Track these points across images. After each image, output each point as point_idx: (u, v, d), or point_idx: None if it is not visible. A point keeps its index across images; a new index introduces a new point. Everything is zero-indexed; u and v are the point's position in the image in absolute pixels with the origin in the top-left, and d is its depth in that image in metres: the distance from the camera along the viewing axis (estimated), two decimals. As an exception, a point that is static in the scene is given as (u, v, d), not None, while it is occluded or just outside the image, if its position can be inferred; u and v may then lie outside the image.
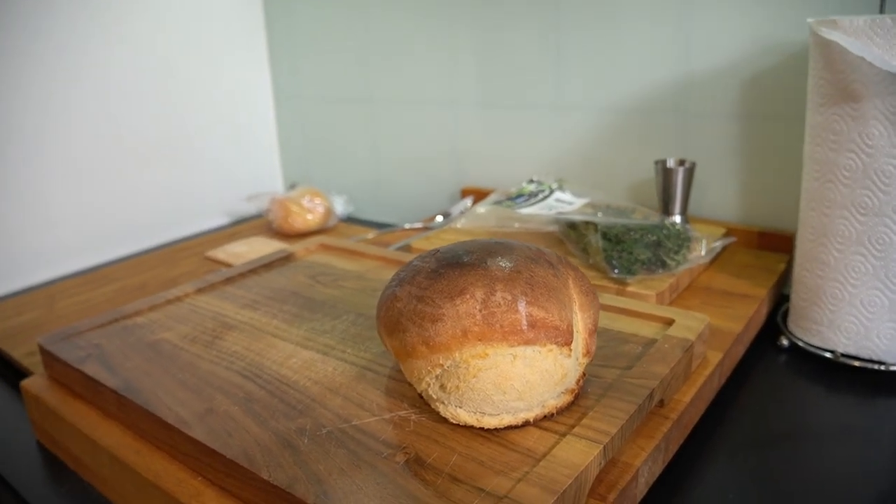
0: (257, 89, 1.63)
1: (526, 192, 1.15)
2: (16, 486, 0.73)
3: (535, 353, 0.56)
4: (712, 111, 1.06)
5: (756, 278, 0.96)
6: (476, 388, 0.55)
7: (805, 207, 0.84)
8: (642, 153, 1.14)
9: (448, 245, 0.64)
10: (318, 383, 0.66)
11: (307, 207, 1.36)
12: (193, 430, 0.60)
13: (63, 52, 1.26)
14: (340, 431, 0.58)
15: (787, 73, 0.99)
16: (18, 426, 0.83)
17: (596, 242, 0.93)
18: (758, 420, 0.75)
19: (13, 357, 0.94)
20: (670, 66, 1.08)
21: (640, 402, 0.59)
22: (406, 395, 0.63)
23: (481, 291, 0.56)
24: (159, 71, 1.42)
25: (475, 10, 1.27)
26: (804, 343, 0.86)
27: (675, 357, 0.66)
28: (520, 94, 1.26)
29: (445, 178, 1.42)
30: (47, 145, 1.26)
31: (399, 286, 0.61)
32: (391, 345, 0.61)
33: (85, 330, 0.81)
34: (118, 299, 1.10)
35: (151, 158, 1.43)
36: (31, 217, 1.26)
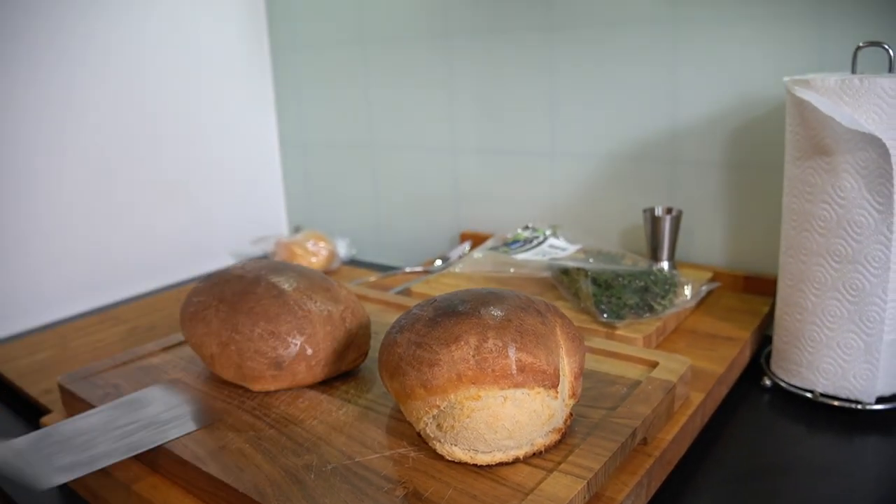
0: (263, 134, 1.68)
1: (521, 238, 1.19)
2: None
3: (524, 396, 0.60)
4: (699, 160, 1.11)
5: (740, 321, 1.00)
6: (469, 427, 0.60)
7: (784, 255, 0.88)
8: (632, 199, 1.19)
9: (445, 294, 0.69)
10: (324, 422, 0.71)
11: (311, 251, 1.41)
12: (208, 465, 0.64)
13: (75, 94, 1.31)
14: (344, 468, 0.63)
15: (768, 125, 1.04)
16: (37, 462, 0.87)
17: (586, 288, 0.97)
18: (740, 457, 0.78)
19: (30, 395, 0.98)
20: (659, 117, 1.13)
21: (623, 441, 0.63)
22: (405, 434, 0.68)
23: (474, 338, 0.61)
24: (169, 115, 1.46)
25: (474, 61, 1.32)
26: (785, 383, 0.90)
27: (657, 398, 0.70)
28: (516, 142, 1.31)
29: (445, 221, 1.47)
30: (58, 185, 1.30)
31: (399, 333, 0.65)
32: (392, 387, 0.66)
33: (103, 370, 0.85)
34: (129, 339, 1.14)
35: (158, 200, 1.47)
36: (41, 256, 1.30)
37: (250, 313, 0.75)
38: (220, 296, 0.78)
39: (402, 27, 1.41)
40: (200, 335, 0.77)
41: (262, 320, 0.74)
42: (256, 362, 0.74)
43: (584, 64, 1.19)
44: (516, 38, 1.25)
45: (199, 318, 0.78)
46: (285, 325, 0.74)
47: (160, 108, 1.45)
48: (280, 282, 0.78)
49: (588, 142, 1.22)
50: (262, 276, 0.79)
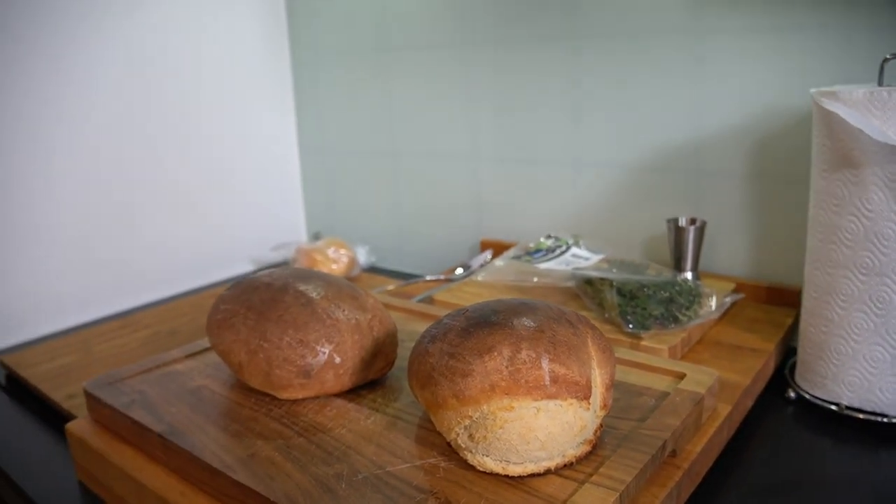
0: (283, 140, 1.69)
1: (544, 247, 1.19)
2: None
3: (557, 407, 0.60)
4: (722, 170, 1.11)
5: (764, 332, 1.00)
6: (502, 438, 0.60)
7: (810, 267, 0.88)
8: (655, 209, 1.19)
9: (476, 304, 0.69)
10: (353, 431, 0.71)
11: (332, 258, 1.41)
12: (238, 474, 0.64)
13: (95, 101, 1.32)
14: (375, 477, 0.63)
15: (793, 135, 1.03)
16: (60, 466, 0.87)
17: (611, 298, 0.97)
18: (766, 469, 0.78)
19: (54, 400, 0.99)
20: (682, 127, 1.13)
21: (654, 453, 0.63)
22: (435, 444, 0.68)
23: (508, 349, 0.61)
24: (190, 121, 1.47)
25: (495, 70, 1.32)
26: (810, 395, 0.89)
27: (686, 410, 0.70)
28: (538, 151, 1.31)
29: (465, 229, 1.47)
30: (78, 190, 1.31)
31: (431, 342, 0.65)
32: (423, 397, 0.65)
33: (128, 376, 0.85)
34: (152, 345, 1.15)
35: (179, 205, 1.48)
36: (62, 262, 1.31)
37: (279, 321, 0.75)
38: (249, 303, 0.78)
39: (424, 35, 1.41)
40: (228, 343, 0.77)
41: (290, 328, 0.74)
42: (285, 370, 0.74)
43: (606, 73, 1.19)
44: (539, 46, 1.25)
45: (227, 326, 0.78)
46: (314, 333, 0.74)
47: (181, 114, 1.46)
48: (308, 290, 0.78)
49: (610, 151, 1.22)
50: (289, 283, 0.79)
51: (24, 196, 1.24)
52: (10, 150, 1.21)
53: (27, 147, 1.23)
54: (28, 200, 1.24)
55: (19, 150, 1.22)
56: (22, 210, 1.24)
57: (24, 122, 1.22)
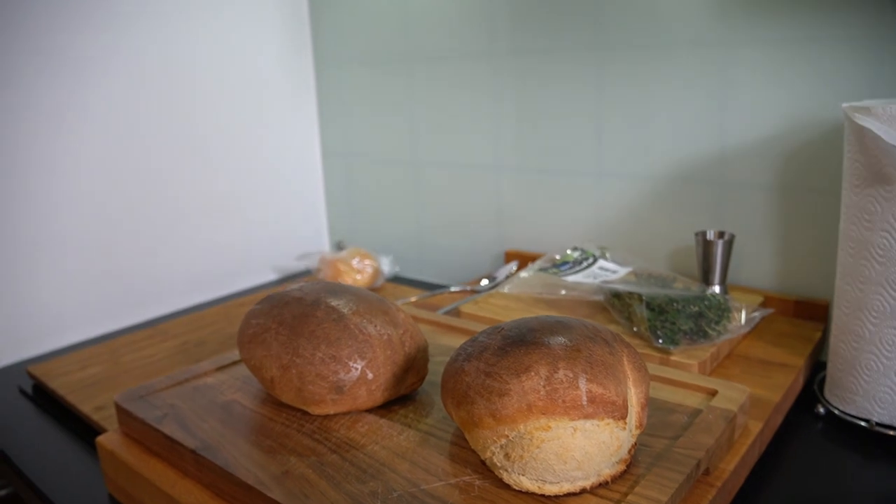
0: (306, 149, 1.69)
1: (570, 260, 1.19)
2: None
3: (594, 427, 0.60)
4: (749, 182, 1.11)
5: (793, 347, 1.00)
6: (539, 458, 0.60)
7: (841, 282, 0.87)
8: (680, 221, 1.19)
9: (511, 322, 0.69)
10: (386, 448, 0.71)
11: (356, 268, 1.42)
12: (273, 491, 0.64)
13: (121, 111, 1.33)
14: (410, 495, 0.63)
15: (822, 148, 1.03)
16: (89, 478, 0.87)
17: (641, 312, 0.97)
18: (796, 486, 0.78)
19: (82, 411, 0.99)
20: (708, 138, 1.13)
21: (689, 472, 0.63)
22: (469, 461, 0.67)
23: (545, 369, 0.60)
24: (213, 131, 1.48)
25: (519, 80, 1.32)
26: (840, 411, 0.89)
27: (719, 428, 0.70)
28: (562, 161, 1.31)
29: (489, 240, 1.47)
30: (104, 199, 1.32)
31: (467, 361, 0.65)
32: (458, 415, 0.65)
33: (158, 389, 0.85)
34: (180, 355, 1.15)
35: (202, 215, 1.49)
36: (89, 271, 1.32)
37: (311, 337, 0.75)
38: (280, 318, 0.78)
39: (448, 45, 1.41)
40: (260, 358, 0.78)
41: (323, 344, 0.75)
42: (317, 386, 0.74)
43: (631, 83, 1.19)
44: (563, 57, 1.25)
45: (259, 341, 0.78)
46: (346, 349, 0.75)
47: (204, 124, 1.46)
48: (339, 305, 0.78)
49: (635, 162, 1.22)
50: (321, 298, 0.79)
51: (49, 206, 1.25)
52: (36, 160, 1.22)
53: (51, 158, 1.24)
54: (53, 210, 1.25)
55: (43, 161, 1.23)
56: (47, 220, 1.25)
57: (47, 133, 1.23)
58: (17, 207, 1.21)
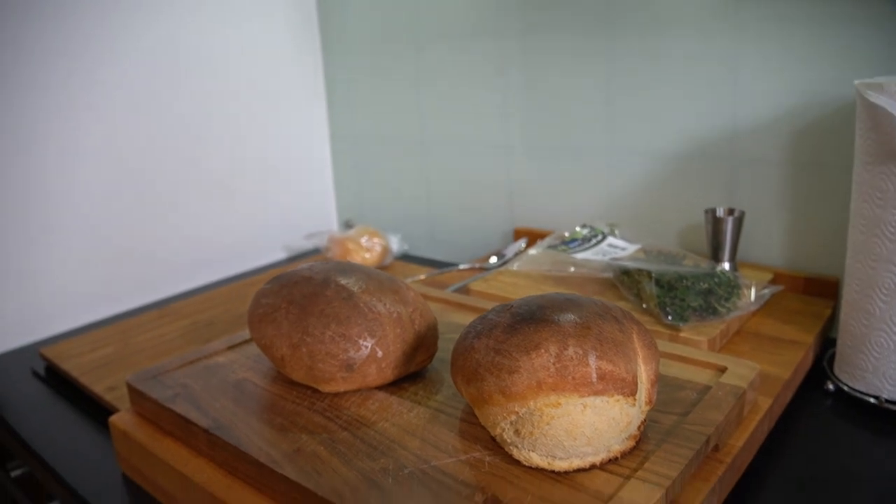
0: (314, 129, 1.69)
1: (579, 237, 1.19)
2: (106, 515, 0.78)
3: (604, 403, 0.60)
4: (760, 159, 1.10)
5: (803, 324, 1.00)
6: (549, 434, 0.60)
7: (851, 259, 0.87)
8: (691, 198, 1.18)
9: (520, 300, 0.69)
10: (396, 425, 0.71)
11: (365, 246, 1.42)
12: (285, 469, 0.65)
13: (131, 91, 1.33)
14: (421, 472, 0.63)
15: (834, 124, 1.02)
16: (103, 458, 0.88)
17: (650, 289, 0.97)
18: (805, 463, 0.78)
19: (95, 392, 1.00)
20: (720, 115, 1.12)
21: (698, 448, 0.63)
22: (479, 437, 0.68)
23: (555, 346, 0.61)
24: (222, 111, 1.48)
25: (528, 57, 1.32)
26: (849, 388, 0.89)
27: (728, 404, 0.70)
28: (571, 138, 1.30)
29: (498, 218, 1.47)
30: (111, 180, 1.33)
31: (476, 338, 0.66)
32: (468, 392, 0.66)
33: (170, 369, 0.86)
34: (190, 335, 1.16)
35: (211, 194, 1.50)
36: (98, 251, 1.32)
37: (321, 315, 0.75)
38: (290, 298, 0.79)
39: (456, 23, 1.40)
40: (270, 337, 0.78)
41: (332, 322, 0.75)
42: (328, 364, 0.74)
43: (642, 60, 1.18)
44: (573, 33, 1.25)
45: (269, 321, 0.78)
46: (356, 327, 0.75)
47: (212, 104, 1.46)
48: (349, 283, 0.78)
49: (645, 139, 1.21)
50: (330, 277, 0.80)
51: (59, 188, 1.25)
52: (43, 143, 1.22)
53: (59, 140, 1.24)
54: (62, 192, 1.26)
55: (52, 144, 1.23)
56: (57, 199, 1.25)
57: (55, 113, 1.23)
58: (26, 191, 1.22)
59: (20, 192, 1.21)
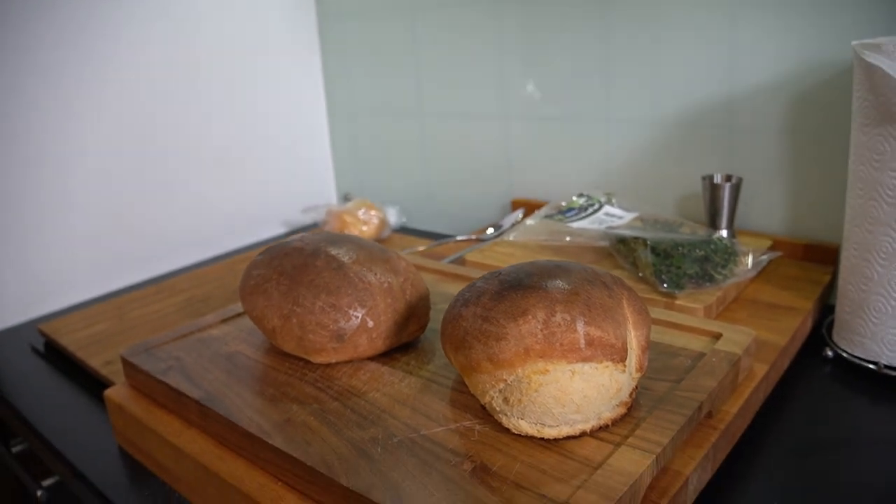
0: (311, 102, 1.68)
1: (576, 206, 1.18)
2: (102, 489, 0.78)
3: (592, 370, 0.60)
4: (757, 126, 1.09)
5: (801, 290, 0.99)
6: (537, 401, 0.59)
7: (849, 223, 0.86)
8: (689, 166, 1.17)
9: (509, 267, 0.68)
10: (387, 395, 0.71)
11: (362, 219, 1.41)
12: (274, 439, 0.64)
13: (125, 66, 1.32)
14: (410, 441, 0.63)
15: (833, 90, 1.01)
16: (99, 431, 0.88)
17: (645, 257, 0.96)
18: (804, 429, 0.77)
19: (91, 366, 1.00)
20: (717, 82, 1.11)
21: (690, 415, 0.63)
22: (469, 406, 0.67)
23: (542, 312, 0.60)
24: (218, 85, 1.47)
25: (524, 25, 1.30)
26: (848, 354, 0.88)
27: (722, 371, 0.70)
28: (569, 108, 1.29)
29: (496, 189, 1.46)
30: (109, 156, 1.32)
31: (464, 306, 0.65)
32: (457, 360, 0.65)
33: (163, 343, 0.86)
34: (186, 310, 1.16)
35: (208, 170, 1.49)
36: (94, 228, 1.32)
37: (311, 286, 0.75)
38: (280, 269, 0.78)
39: (452, -7, 1.39)
40: (261, 308, 0.78)
41: (323, 293, 0.74)
42: (318, 335, 0.74)
43: (639, 28, 1.16)
44: (569, 2, 1.23)
45: (260, 292, 0.78)
46: (346, 297, 0.74)
47: (210, 78, 1.45)
48: (339, 254, 0.78)
49: (643, 107, 1.20)
50: (321, 248, 0.79)
51: (56, 163, 1.25)
52: (41, 117, 1.22)
53: (57, 114, 1.24)
54: (60, 167, 1.25)
55: (50, 118, 1.23)
56: (54, 177, 1.25)
57: (53, 88, 1.22)
58: (24, 167, 1.21)
59: (17, 170, 1.20)
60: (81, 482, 0.81)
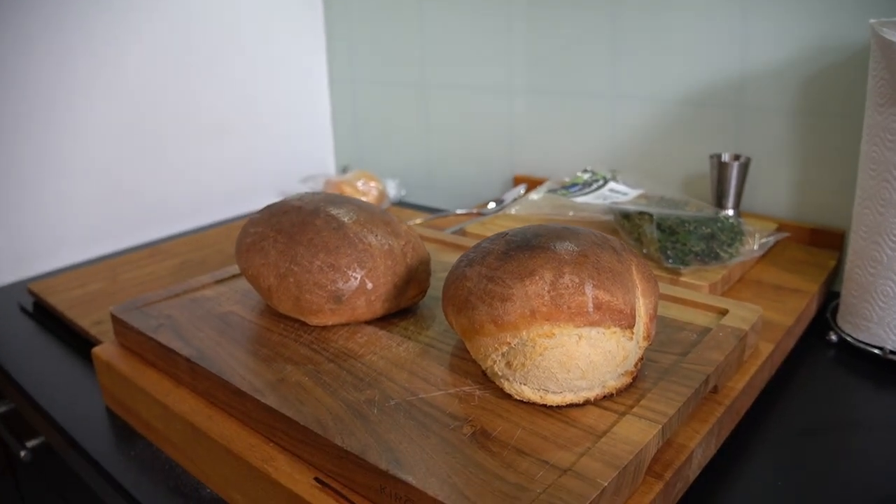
0: (313, 71, 1.66)
1: (580, 182, 1.16)
2: (88, 449, 0.76)
3: (600, 335, 0.58)
4: (767, 106, 1.07)
5: (807, 273, 0.97)
6: (541, 366, 0.57)
7: (859, 205, 0.85)
8: (695, 146, 1.15)
9: (516, 228, 0.66)
10: (384, 358, 0.69)
11: (361, 190, 1.39)
12: (267, 398, 0.62)
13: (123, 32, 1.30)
14: (408, 404, 0.61)
15: (846, 71, 0.99)
16: (87, 392, 0.86)
17: (651, 233, 0.94)
18: (806, 411, 0.76)
19: (81, 326, 0.98)
20: (727, 60, 1.09)
21: (697, 387, 0.61)
22: (469, 372, 0.66)
23: (550, 274, 0.58)
24: (218, 52, 1.45)
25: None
26: (853, 339, 0.87)
27: (729, 345, 0.68)
28: (574, 83, 1.27)
29: (497, 165, 1.43)
30: (106, 121, 1.30)
31: (469, 266, 0.63)
32: (458, 322, 0.63)
33: (155, 301, 0.84)
34: (180, 273, 1.14)
35: (207, 137, 1.47)
36: (90, 191, 1.30)
37: (309, 245, 0.73)
38: (278, 227, 0.76)
39: (459, -37, 1.37)
40: (257, 266, 0.75)
41: (321, 252, 0.72)
42: (315, 295, 0.72)
43: (649, 2, 1.14)
44: (579, -25, 1.21)
45: (257, 250, 0.76)
46: (345, 257, 0.72)
47: (210, 44, 1.43)
48: (339, 214, 0.76)
49: (650, 84, 1.18)
50: (320, 207, 0.77)
51: (53, 126, 1.23)
52: (38, 79, 1.20)
53: (55, 77, 1.21)
54: (57, 131, 1.23)
55: (47, 81, 1.21)
56: (50, 140, 1.23)
57: (52, 52, 1.20)
58: (18, 128, 1.19)
59: (12, 130, 1.18)
60: (67, 442, 0.79)
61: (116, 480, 0.71)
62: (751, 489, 0.65)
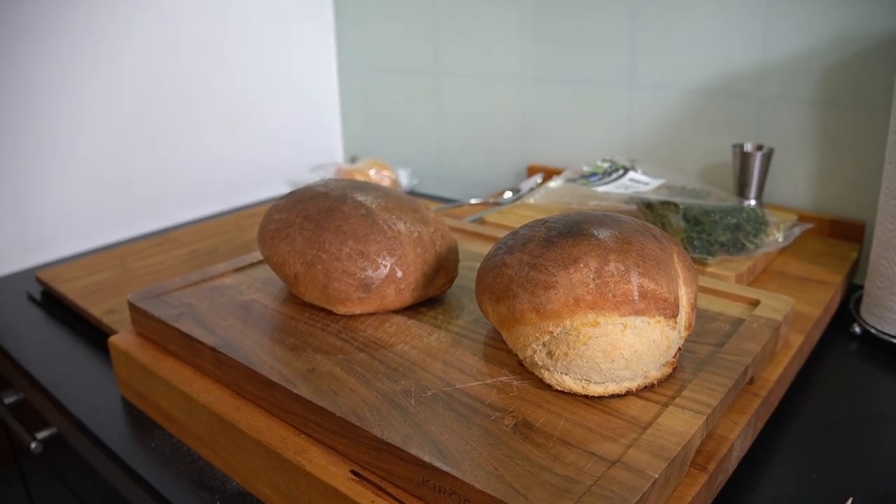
0: (322, 60, 1.64)
1: (600, 171, 1.15)
2: (104, 440, 0.74)
3: (644, 324, 0.57)
4: (788, 97, 1.06)
5: (830, 265, 0.96)
6: (585, 355, 0.56)
7: (886, 195, 0.83)
8: (715, 136, 1.14)
9: (555, 215, 0.65)
10: (416, 348, 0.67)
11: (374, 179, 1.37)
12: (299, 388, 0.61)
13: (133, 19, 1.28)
14: (445, 394, 0.59)
15: (869, 61, 0.97)
16: (101, 381, 0.85)
17: (676, 223, 0.93)
18: (834, 403, 0.75)
19: (93, 314, 0.96)
20: (749, 49, 1.07)
21: (737, 378, 0.60)
22: (504, 362, 0.64)
23: (595, 261, 0.57)
24: (228, 40, 1.43)
25: (547, -14, 1.26)
26: (877, 330, 0.86)
27: (764, 336, 0.67)
28: (591, 71, 1.25)
29: (510, 154, 1.42)
30: (116, 108, 1.28)
31: (508, 254, 0.62)
32: (496, 311, 0.62)
33: (173, 289, 0.82)
34: (190, 262, 1.12)
35: (215, 126, 1.45)
36: (98, 180, 1.28)
37: (338, 231, 0.71)
38: (305, 213, 0.74)
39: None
40: (283, 253, 0.74)
41: (350, 239, 0.71)
42: (344, 283, 0.70)
43: (667, -9, 1.13)
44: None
45: (282, 236, 0.74)
46: (375, 245, 0.71)
47: (218, 32, 1.41)
48: (367, 200, 0.74)
49: (669, 73, 1.16)
50: (347, 194, 0.75)
51: (60, 114, 1.21)
52: (46, 64, 1.18)
53: (61, 63, 1.20)
54: (64, 118, 1.21)
55: (54, 65, 1.19)
56: (57, 128, 1.21)
57: (58, 37, 1.18)
58: (27, 115, 1.17)
59: (20, 117, 1.16)
60: (82, 433, 0.77)
61: (137, 473, 0.69)
62: (786, 480, 0.64)
